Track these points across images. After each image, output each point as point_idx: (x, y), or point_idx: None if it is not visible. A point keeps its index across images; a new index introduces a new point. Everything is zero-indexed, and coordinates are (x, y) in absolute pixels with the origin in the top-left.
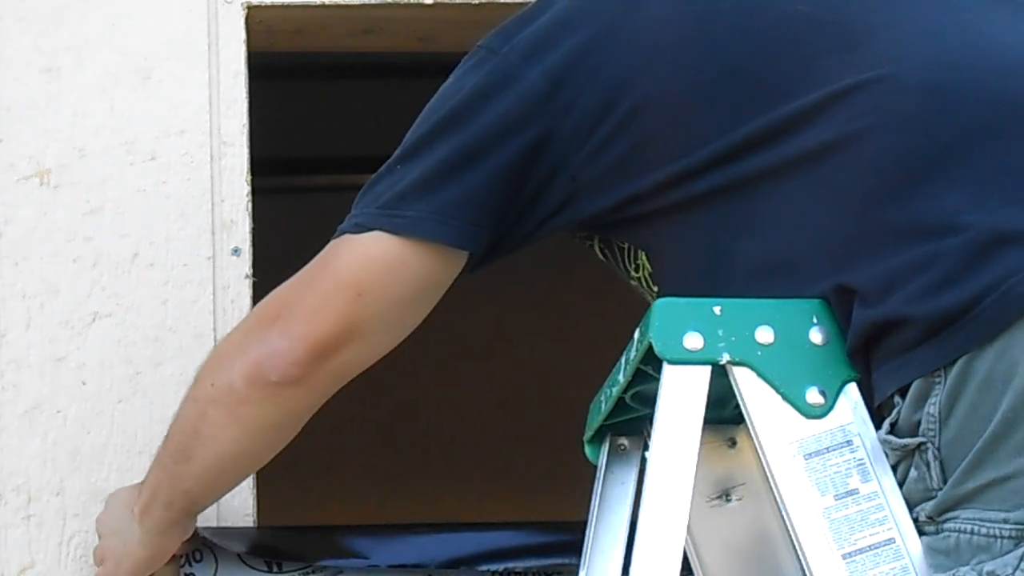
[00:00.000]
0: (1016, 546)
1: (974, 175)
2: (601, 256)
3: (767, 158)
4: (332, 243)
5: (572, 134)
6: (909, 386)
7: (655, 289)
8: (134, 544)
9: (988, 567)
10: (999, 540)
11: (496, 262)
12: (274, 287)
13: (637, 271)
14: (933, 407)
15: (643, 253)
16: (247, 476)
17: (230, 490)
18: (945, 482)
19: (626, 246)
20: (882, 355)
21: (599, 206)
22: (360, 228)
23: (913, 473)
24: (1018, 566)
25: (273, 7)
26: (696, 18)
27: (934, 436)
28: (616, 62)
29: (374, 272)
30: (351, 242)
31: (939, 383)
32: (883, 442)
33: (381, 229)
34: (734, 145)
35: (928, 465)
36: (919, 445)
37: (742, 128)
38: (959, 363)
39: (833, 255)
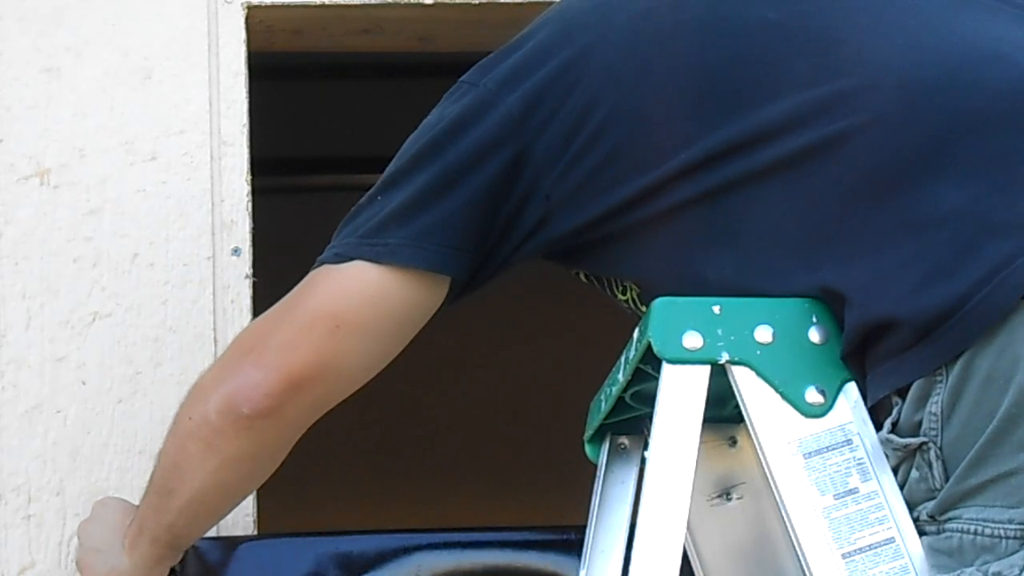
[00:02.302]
0: (1021, 546)
1: (955, 167)
2: (586, 281)
3: (741, 165)
4: (312, 274)
5: (546, 153)
6: (909, 387)
7: (644, 310)
8: (120, 574)
9: (994, 568)
10: (1004, 540)
11: (479, 288)
12: (274, 287)
13: (624, 293)
14: (935, 406)
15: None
16: (230, 509)
17: (214, 524)
18: (947, 481)
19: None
20: (876, 358)
21: (573, 224)
22: (340, 258)
23: (915, 474)
24: None
25: (273, 7)
26: (664, 32)
27: (936, 435)
28: (588, 80)
29: (352, 304)
30: (331, 273)
31: (940, 382)
32: (884, 442)
33: (361, 258)
34: (706, 154)
35: (930, 465)
36: (921, 445)
37: (713, 137)
38: (960, 361)
39: (814, 258)
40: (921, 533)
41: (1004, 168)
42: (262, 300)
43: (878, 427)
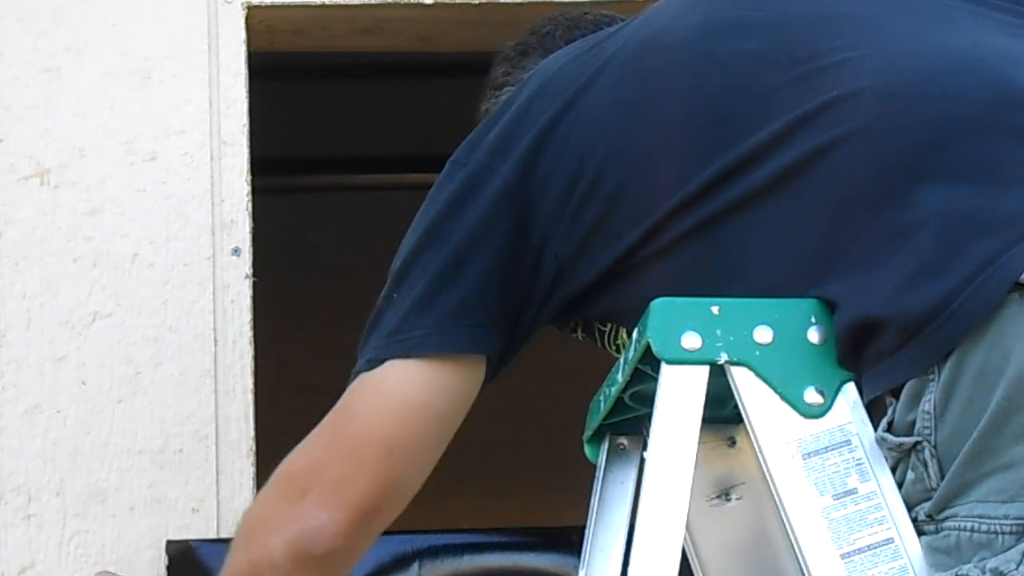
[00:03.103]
0: (1018, 541)
1: (939, 171)
2: (581, 337)
3: (735, 191)
4: (349, 390)
5: (549, 211)
6: (902, 386)
7: None
8: None
9: (991, 564)
10: (1000, 536)
11: (514, 357)
12: (274, 287)
13: (617, 352)
14: (927, 404)
15: (623, 330)
16: None
17: None
18: (942, 479)
19: (607, 328)
20: (869, 359)
21: (587, 278)
22: (372, 363)
23: (910, 475)
24: (1021, 561)
25: (273, 7)
26: (647, 77)
27: (930, 434)
28: (577, 133)
29: (398, 421)
30: (368, 385)
31: (932, 380)
32: (880, 441)
33: (392, 357)
34: (700, 187)
35: (925, 464)
36: (915, 444)
37: (706, 170)
38: (951, 359)
39: (809, 272)
40: (920, 533)
41: (986, 169)
42: (262, 300)
43: (875, 427)
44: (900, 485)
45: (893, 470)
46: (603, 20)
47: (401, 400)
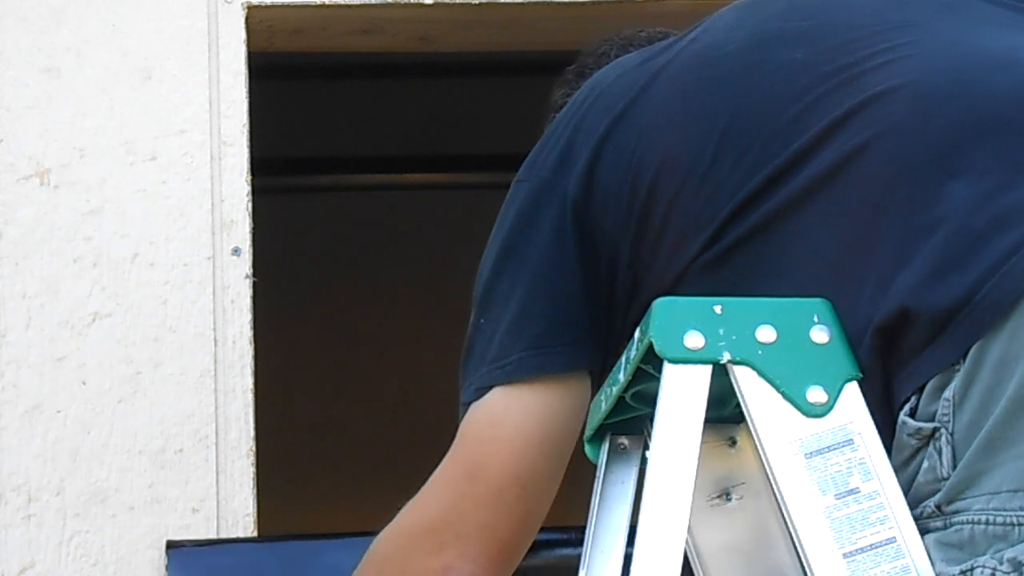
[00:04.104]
0: None
1: (967, 168)
2: None
3: (779, 197)
4: (465, 424)
5: (614, 223)
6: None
7: None
8: None
9: (1008, 554)
10: (1017, 528)
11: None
12: (274, 287)
13: None
14: (949, 392)
15: None
16: None
17: None
18: (955, 468)
19: None
20: (902, 358)
21: (656, 291)
22: (480, 391)
23: (925, 464)
24: None
25: (273, 7)
26: (697, 89)
27: (948, 421)
28: (631, 145)
29: (525, 459)
30: (482, 420)
31: (957, 371)
32: (900, 426)
33: (497, 383)
34: (748, 195)
35: (940, 452)
36: (934, 431)
37: (754, 179)
38: (974, 349)
39: (847, 272)
40: (927, 530)
41: (1011, 165)
42: (262, 300)
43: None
44: (914, 476)
45: (910, 460)
46: (656, 37)
47: (523, 437)
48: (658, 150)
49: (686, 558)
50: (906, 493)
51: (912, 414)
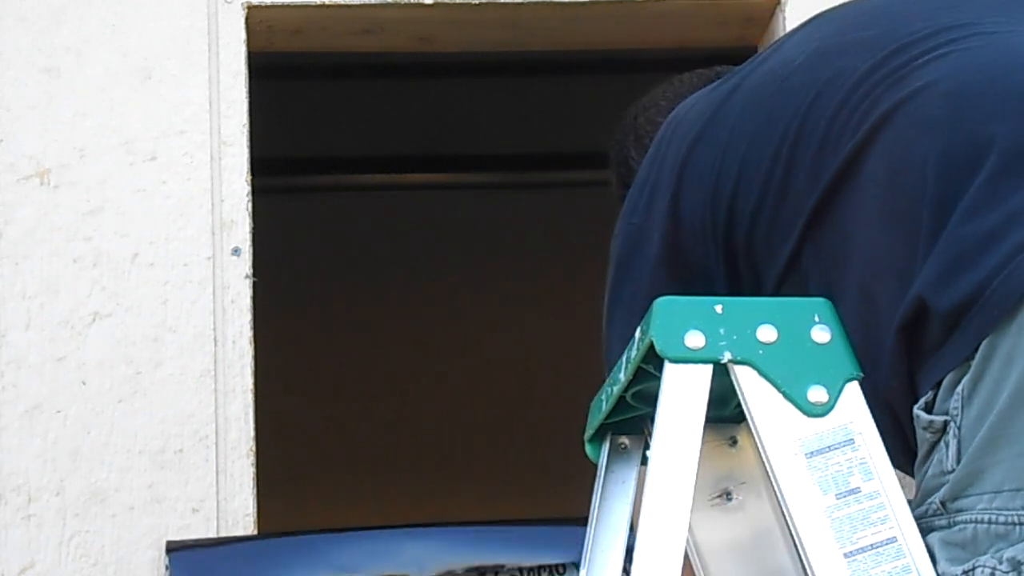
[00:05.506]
0: None
1: (988, 164)
2: None
3: (839, 202)
4: None
5: (700, 246)
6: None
7: None
8: None
9: (1008, 553)
10: (1018, 527)
11: None
12: (274, 287)
13: None
14: (960, 387)
15: None
16: None
17: None
18: (959, 463)
19: None
20: (922, 356)
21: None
22: None
23: (935, 457)
24: None
25: (273, 7)
26: (767, 104)
27: (957, 415)
28: (708, 166)
29: None
30: None
31: (970, 366)
32: (916, 419)
33: None
34: (815, 204)
35: (948, 445)
36: (945, 424)
37: (818, 190)
38: (984, 344)
39: (891, 272)
40: (932, 529)
41: None
42: (262, 300)
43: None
44: (926, 473)
45: (929, 456)
46: (725, 72)
47: None
48: (733, 166)
49: (686, 558)
50: (919, 487)
51: (928, 409)
